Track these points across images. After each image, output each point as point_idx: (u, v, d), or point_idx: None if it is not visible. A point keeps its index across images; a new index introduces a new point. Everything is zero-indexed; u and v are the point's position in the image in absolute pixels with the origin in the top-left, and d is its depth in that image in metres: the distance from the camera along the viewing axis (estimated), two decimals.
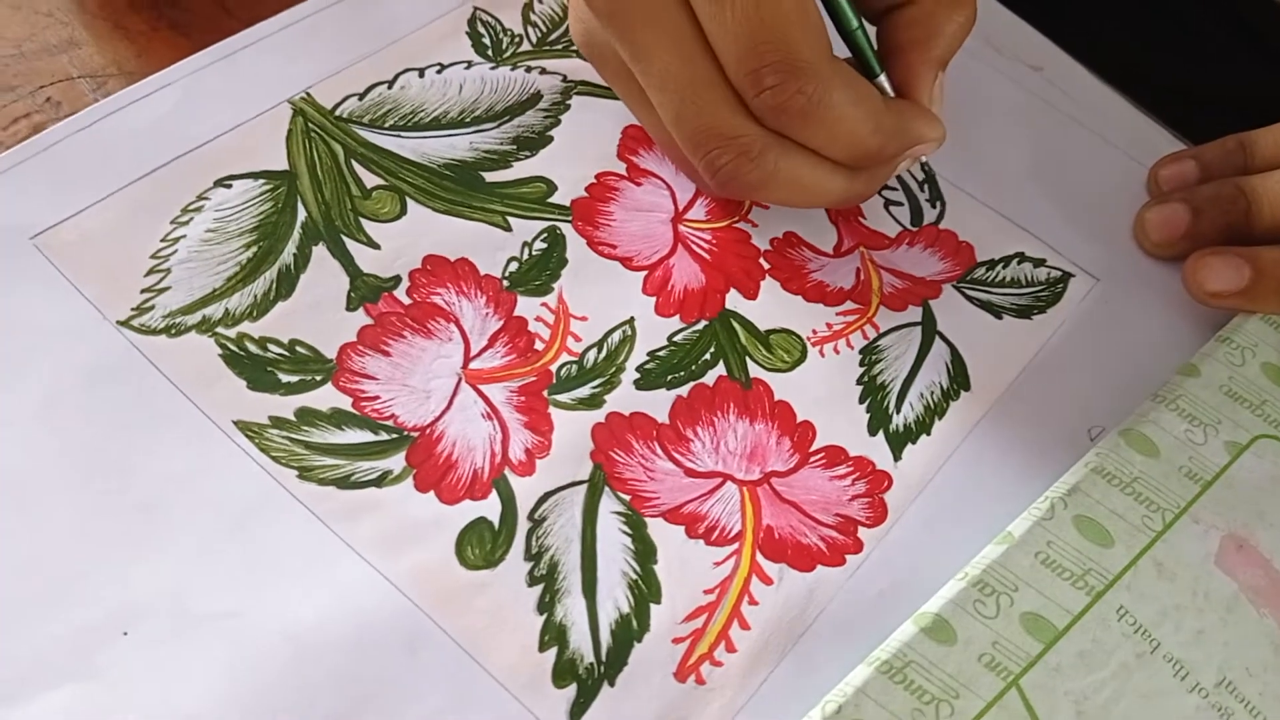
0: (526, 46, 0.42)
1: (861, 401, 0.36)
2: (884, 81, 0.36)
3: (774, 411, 0.35)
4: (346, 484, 0.32)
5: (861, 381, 0.36)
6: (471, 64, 0.41)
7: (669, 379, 0.35)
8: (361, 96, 0.39)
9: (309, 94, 0.39)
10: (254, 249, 0.35)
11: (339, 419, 0.33)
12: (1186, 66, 0.54)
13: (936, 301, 0.38)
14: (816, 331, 0.37)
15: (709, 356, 0.36)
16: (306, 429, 0.32)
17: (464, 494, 0.32)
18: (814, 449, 0.35)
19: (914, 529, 0.34)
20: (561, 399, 0.34)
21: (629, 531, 0.32)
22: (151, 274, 0.34)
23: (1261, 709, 0.31)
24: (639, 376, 0.35)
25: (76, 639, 0.28)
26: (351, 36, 0.40)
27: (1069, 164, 0.43)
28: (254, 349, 0.33)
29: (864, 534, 0.33)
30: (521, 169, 0.39)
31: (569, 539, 0.32)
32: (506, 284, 0.36)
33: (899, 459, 0.35)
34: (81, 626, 0.28)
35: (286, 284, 0.35)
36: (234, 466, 0.31)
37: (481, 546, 0.31)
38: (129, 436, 0.31)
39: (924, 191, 0.40)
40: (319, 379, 0.33)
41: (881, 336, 0.37)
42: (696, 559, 0.32)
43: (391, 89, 0.40)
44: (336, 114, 0.38)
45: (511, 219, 0.38)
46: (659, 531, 0.32)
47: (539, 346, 0.35)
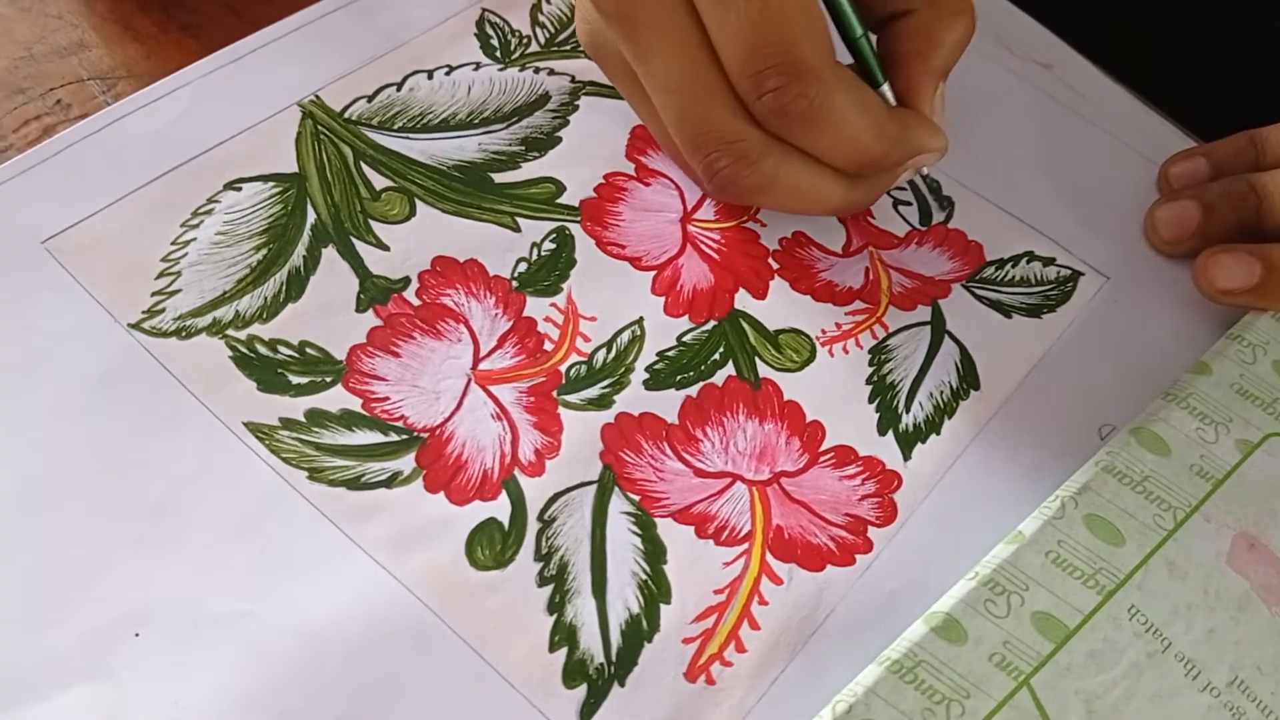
0: (535, 47, 0.42)
1: (871, 401, 0.36)
2: (887, 91, 0.36)
3: (783, 411, 0.35)
4: (357, 485, 0.32)
5: (871, 381, 0.36)
6: (480, 65, 0.41)
7: (678, 379, 0.35)
8: (370, 98, 0.39)
9: (318, 96, 0.39)
10: (264, 251, 0.35)
11: (349, 420, 0.33)
12: (1196, 64, 0.54)
13: (946, 301, 0.38)
14: (826, 331, 0.37)
15: (718, 356, 0.36)
16: (317, 430, 0.32)
17: (474, 494, 0.32)
18: (823, 449, 0.35)
19: (924, 528, 0.34)
20: (571, 399, 0.34)
21: (639, 532, 0.32)
22: (162, 277, 0.34)
23: (1274, 708, 0.31)
24: (648, 377, 0.35)
25: (88, 640, 0.28)
26: (360, 39, 0.40)
27: (1079, 162, 0.43)
28: (264, 351, 0.33)
29: (874, 534, 0.33)
30: (530, 170, 0.39)
31: (579, 539, 0.32)
32: (515, 285, 0.36)
33: (909, 458, 0.35)
34: (93, 627, 0.29)
35: (296, 286, 0.35)
36: (244, 468, 0.31)
37: (491, 547, 0.31)
38: (140, 439, 0.31)
39: (931, 193, 0.40)
40: (329, 380, 0.33)
41: (891, 336, 0.37)
42: (706, 559, 0.32)
43: (400, 91, 0.40)
44: (345, 116, 0.39)
45: (520, 220, 0.38)
46: (669, 532, 0.32)
47: (548, 347, 0.35)
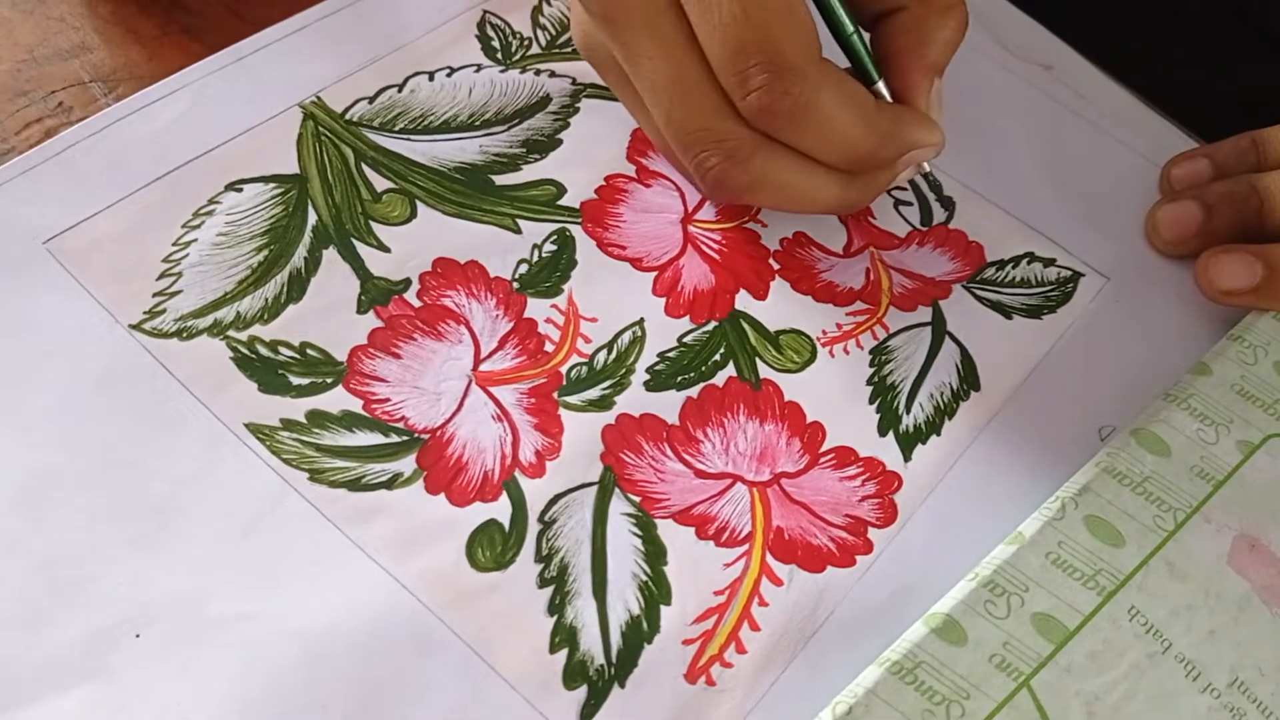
0: (536, 49, 0.42)
1: (871, 402, 0.36)
2: (881, 88, 0.36)
3: (784, 412, 0.35)
4: (357, 486, 0.32)
5: (871, 382, 0.36)
6: (481, 67, 0.41)
7: (679, 380, 0.35)
8: (372, 100, 0.39)
9: (319, 98, 0.39)
10: (265, 252, 0.35)
11: (350, 421, 0.33)
12: (1198, 65, 0.54)
13: (946, 301, 0.38)
14: (826, 332, 0.37)
15: (719, 357, 0.36)
16: (317, 431, 0.32)
17: (474, 496, 0.32)
18: (824, 450, 0.35)
19: (924, 529, 0.34)
20: (571, 400, 0.34)
21: (639, 533, 0.32)
22: (163, 278, 0.34)
23: (1274, 709, 0.31)
24: (649, 378, 0.35)
25: (89, 641, 0.28)
26: (361, 40, 0.41)
27: (1079, 163, 0.43)
28: (265, 352, 0.33)
29: (874, 535, 0.33)
30: (531, 172, 0.39)
31: (579, 540, 0.32)
32: (516, 286, 0.36)
33: (909, 459, 0.35)
34: (94, 629, 0.29)
35: (297, 287, 0.35)
36: (245, 469, 0.31)
37: (492, 548, 0.31)
38: (141, 439, 0.31)
39: (933, 192, 0.40)
40: (330, 381, 0.33)
41: (891, 337, 0.37)
42: (707, 560, 0.32)
43: (401, 92, 0.40)
44: (347, 118, 0.39)
45: (521, 221, 0.38)
46: (669, 533, 0.32)
47: (549, 348, 0.35)
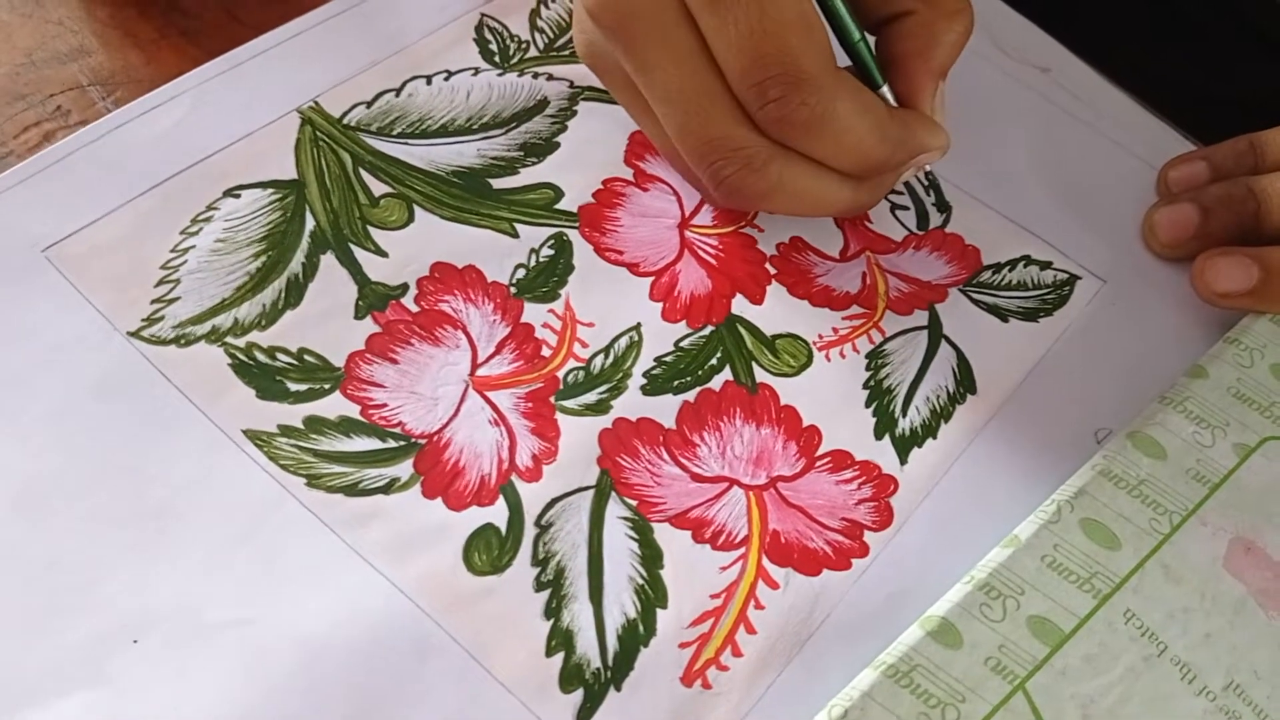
0: (534, 53, 0.42)
1: (868, 406, 0.36)
2: (887, 92, 0.36)
3: (780, 416, 0.35)
4: (354, 491, 0.32)
5: (868, 386, 0.36)
6: (479, 71, 0.41)
7: (676, 384, 0.35)
8: (369, 104, 0.39)
9: (317, 103, 0.39)
10: (263, 258, 0.35)
11: (347, 427, 0.33)
12: (1195, 67, 0.53)
13: (943, 305, 0.38)
14: (823, 336, 0.37)
15: (715, 362, 0.36)
16: (315, 437, 0.33)
17: (471, 500, 0.32)
18: (820, 453, 0.35)
19: (920, 533, 0.34)
20: (568, 405, 0.34)
21: (635, 537, 0.32)
22: (161, 284, 0.34)
23: (1270, 712, 0.31)
24: (646, 382, 0.35)
25: (87, 647, 0.29)
26: (359, 44, 0.41)
27: (1076, 165, 0.43)
28: (263, 358, 0.34)
29: (870, 538, 0.33)
30: (529, 175, 0.39)
31: (576, 544, 0.32)
32: (514, 291, 0.36)
33: (905, 463, 0.35)
34: (92, 635, 0.29)
35: (295, 293, 0.35)
36: (243, 475, 0.32)
37: (489, 552, 0.32)
38: (139, 446, 0.32)
39: (930, 195, 0.40)
40: (327, 387, 0.33)
41: (887, 340, 0.37)
42: (703, 564, 0.32)
43: (399, 97, 0.40)
44: (344, 122, 0.39)
45: (519, 226, 0.38)
46: (665, 536, 0.33)
47: (546, 353, 0.35)
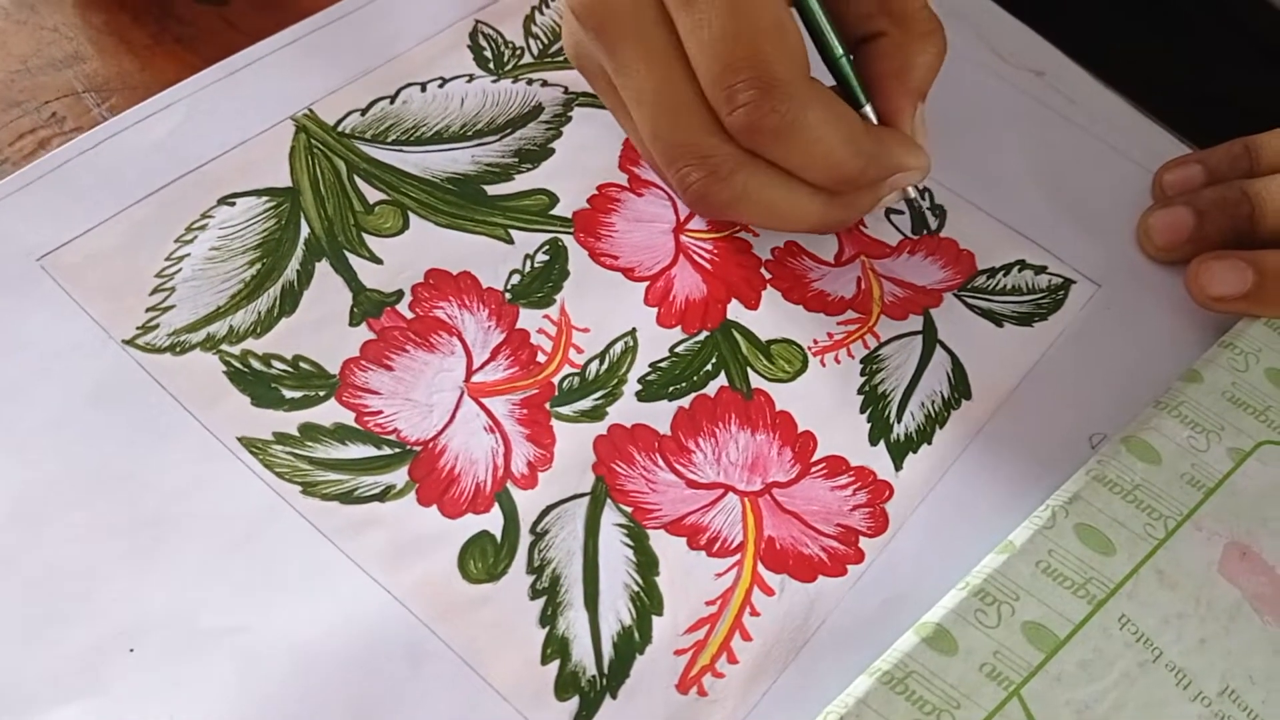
0: (528, 59, 0.42)
1: (862, 411, 0.36)
2: (869, 111, 0.36)
3: (775, 422, 0.35)
4: (350, 499, 0.32)
5: (862, 391, 0.36)
6: (473, 77, 0.41)
7: (671, 390, 0.35)
8: (364, 112, 0.39)
9: (311, 110, 0.39)
10: (257, 266, 0.35)
11: (342, 434, 0.33)
12: (1190, 70, 0.53)
13: (937, 310, 0.38)
14: (818, 341, 0.37)
15: (710, 367, 0.36)
16: (310, 444, 0.33)
17: (466, 507, 0.32)
18: (815, 459, 0.35)
19: (915, 538, 0.34)
20: (563, 411, 0.34)
21: (631, 543, 0.32)
22: (156, 293, 0.34)
23: (1265, 717, 0.31)
24: (641, 388, 0.35)
25: (83, 655, 0.29)
26: (353, 52, 0.41)
27: (1071, 169, 0.43)
28: (258, 365, 0.34)
29: (865, 544, 0.33)
30: (523, 181, 0.39)
31: (571, 551, 0.32)
32: (509, 297, 0.36)
33: (900, 468, 0.35)
34: (88, 643, 0.29)
35: (290, 300, 0.35)
36: (238, 483, 0.32)
37: (484, 560, 0.32)
38: (134, 454, 0.32)
39: (925, 200, 0.40)
40: (322, 394, 0.33)
41: (882, 346, 0.37)
42: (698, 570, 0.32)
43: (394, 104, 0.40)
44: (339, 130, 0.39)
45: (514, 231, 0.38)
46: (661, 543, 0.33)
47: (541, 359, 0.35)
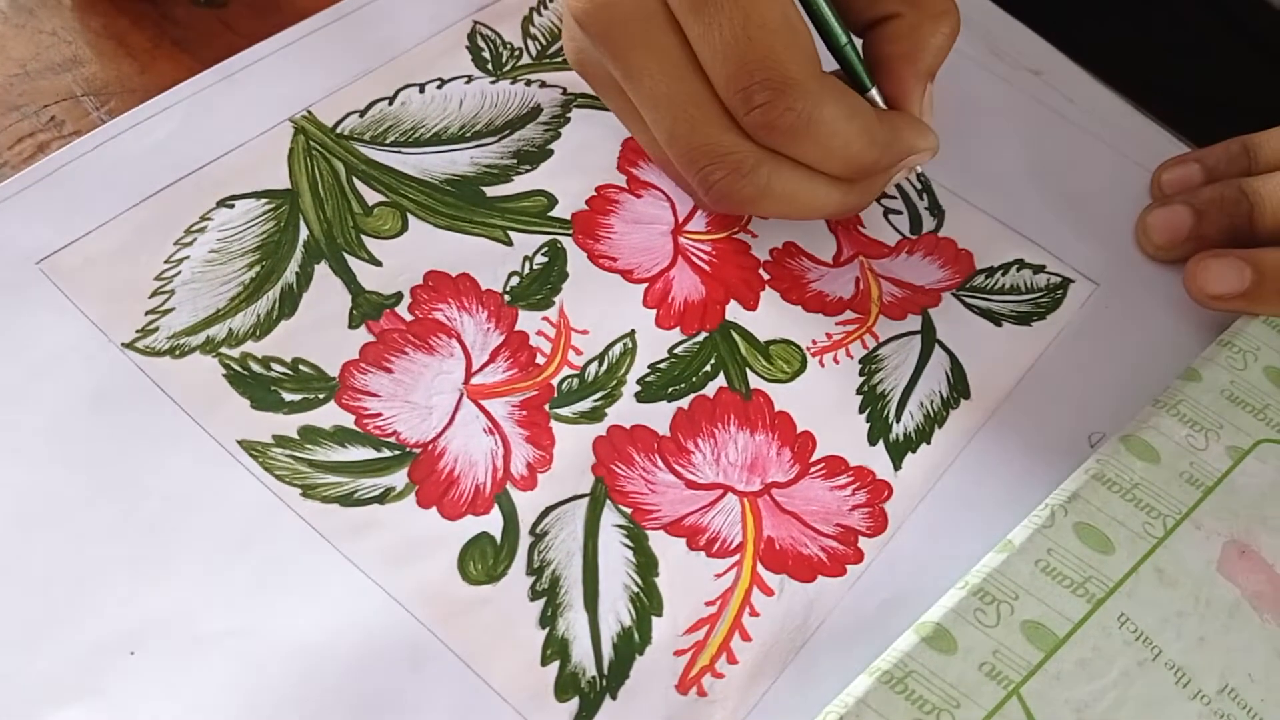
0: (526, 60, 0.42)
1: (861, 411, 0.36)
2: (875, 95, 0.36)
3: (774, 422, 0.35)
4: (349, 501, 0.32)
5: (861, 391, 0.36)
6: (472, 78, 0.41)
7: (670, 391, 0.35)
8: (363, 113, 0.39)
9: (310, 112, 0.39)
10: (257, 268, 0.35)
11: (342, 436, 0.33)
12: (1188, 69, 0.54)
13: (936, 310, 0.38)
14: (816, 342, 0.37)
15: (709, 368, 0.36)
16: (310, 447, 0.33)
17: (466, 509, 0.32)
18: (814, 459, 0.35)
19: (914, 538, 0.34)
20: (563, 413, 0.34)
21: (630, 544, 0.33)
22: (155, 295, 0.34)
23: (1264, 715, 0.31)
24: (640, 389, 0.35)
25: (84, 658, 0.29)
26: (352, 53, 0.41)
27: (1069, 168, 0.43)
28: (257, 368, 0.34)
29: (864, 544, 0.33)
30: (522, 183, 0.39)
31: (571, 553, 0.32)
32: (508, 299, 0.36)
33: (899, 468, 0.35)
34: (88, 646, 0.29)
35: (289, 303, 0.35)
36: (238, 486, 0.32)
37: (484, 561, 0.32)
38: (134, 457, 0.32)
39: (923, 200, 0.40)
40: (322, 397, 0.33)
41: (881, 346, 0.37)
42: (698, 571, 0.32)
43: (392, 105, 0.40)
44: (338, 131, 0.39)
45: (512, 233, 0.38)
46: (660, 544, 0.33)
47: (540, 361, 0.35)
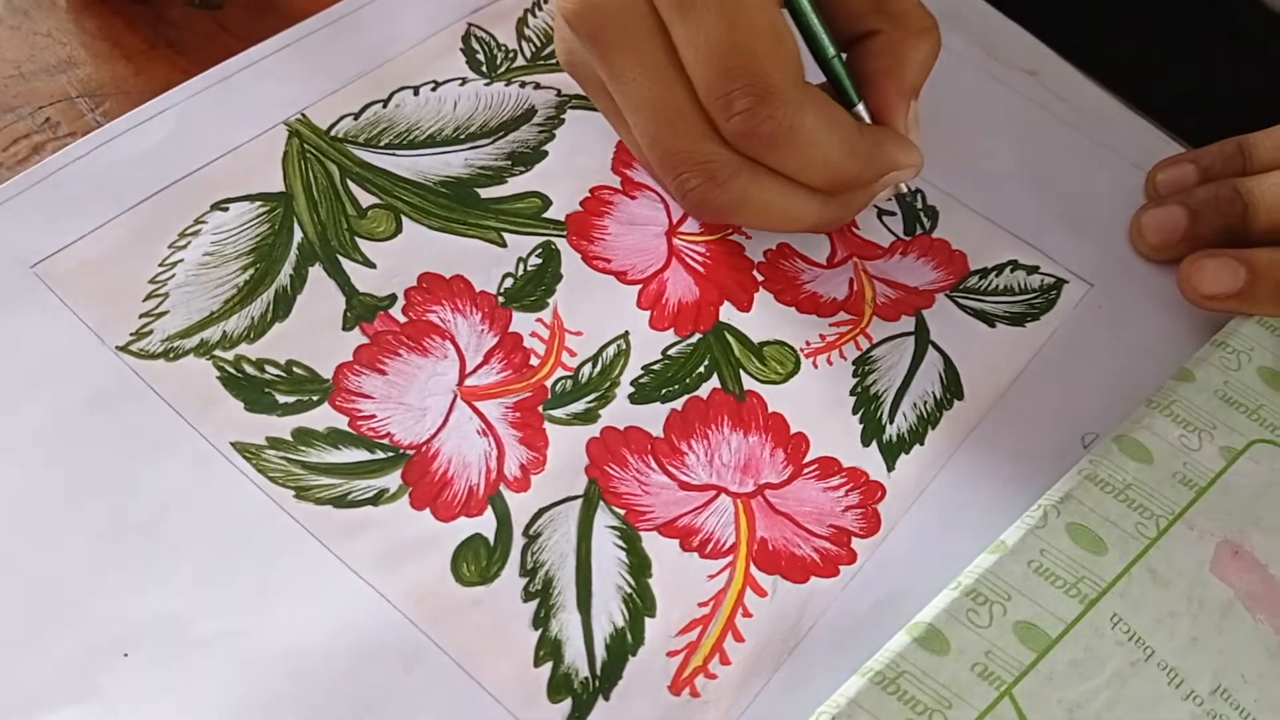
0: (520, 62, 0.42)
1: (855, 412, 0.36)
2: (862, 110, 0.36)
3: (767, 423, 0.35)
4: (343, 503, 0.32)
5: (855, 392, 0.36)
6: (466, 80, 0.41)
7: (663, 392, 0.35)
8: (357, 116, 0.39)
9: (304, 115, 0.39)
10: (251, 271, 0.35)
11: (335, 438, 0.33)
12: (1183, 69, 0.53)
13: (929, 311, 0.38)
14: (810, 343, 0.37)
15: (703, 369, 0.36)
16: (303, 449, 0.33)
17: (459, 511, 0.32)
18: (807, 460, 0.35)
19: (907, 539, 0.34)
20: (556, 414, 0.35)
21: (623, 545, 0.33)
22: (150, 299, 0.34)
23: (1257, 716, 0.31)
24: (633, 390, 0.35)
25: (78, 661, 0.29)
26: (346, 56, 0.41)
27: (1063, 169, 0.43)
28: (251, 371, 0.34)
29: (857, 544, 0.33)
30: (516, 184, 0.39)
31: (564, 554, 0.32)
32: (502, 300, 0.36)
33: (892, 469, 0.35)
34: (83, 648, 0.29)
35: (283, 305, 0.35)
36: (232, 488, 0.32)
37: (477, 563, 0.32)
38: (128, 460, 0.32)
39: (917, 201, 0.40)
40: (315, 399, 0.34)
41: (875, 347, 0.37)
42: (691, 572, 0.32)
43: (386, 108, 0.40)
44: (332, 134, 0.39)
45: (506, 235, 0.38)
46: (653, 545, 0.33)
47: (534, 362, 0.35)
